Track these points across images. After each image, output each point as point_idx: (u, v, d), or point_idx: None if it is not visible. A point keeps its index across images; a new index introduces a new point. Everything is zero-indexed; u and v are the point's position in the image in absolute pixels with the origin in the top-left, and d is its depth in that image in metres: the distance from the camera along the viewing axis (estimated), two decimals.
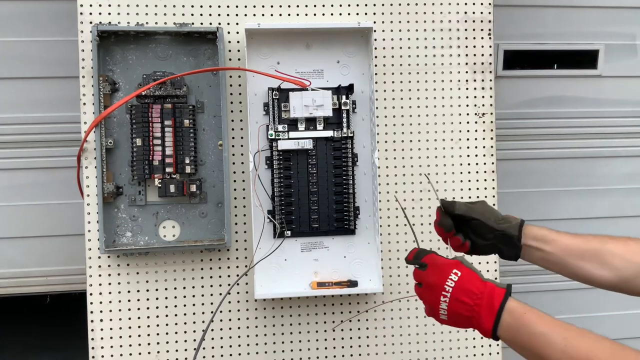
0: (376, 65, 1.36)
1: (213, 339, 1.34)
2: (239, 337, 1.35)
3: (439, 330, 1.40)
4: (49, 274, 1.90)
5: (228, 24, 1.34)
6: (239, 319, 1.35)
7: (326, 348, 1.38)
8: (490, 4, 1.42)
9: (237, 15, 1.35)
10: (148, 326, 1.33)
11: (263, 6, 1.35)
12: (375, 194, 1.34)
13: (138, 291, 1.32)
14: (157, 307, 1.33)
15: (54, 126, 1.81)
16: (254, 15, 1.35)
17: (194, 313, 1.34)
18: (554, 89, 2.14)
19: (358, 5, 1.38)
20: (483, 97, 1.42)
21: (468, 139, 1.42)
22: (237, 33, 1.34)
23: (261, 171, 1.33)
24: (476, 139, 1.42)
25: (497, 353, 1.42)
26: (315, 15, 1.37)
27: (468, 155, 1.41)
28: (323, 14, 1.37)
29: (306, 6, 1.37)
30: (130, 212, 1.31)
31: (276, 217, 1.33)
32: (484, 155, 1.42)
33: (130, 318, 1.32)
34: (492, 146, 1.42)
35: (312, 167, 1.34)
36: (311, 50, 1.36)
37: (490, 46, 1.42)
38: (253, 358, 1.36)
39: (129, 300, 1.32)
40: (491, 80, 1.43)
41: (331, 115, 1.33)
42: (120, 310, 1.31)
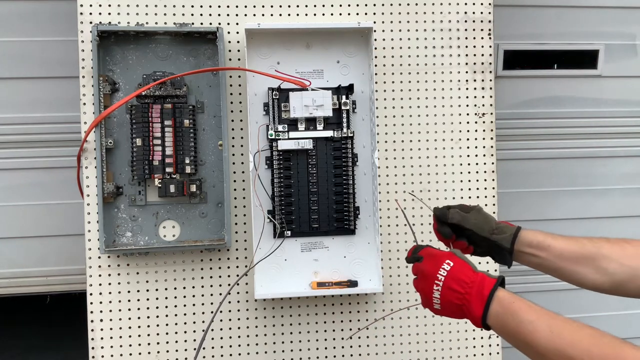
0: (376, 65, 1.36)
1: (213, 339, 1.34)
2: (239, 337, 1.35)
3: (439, 330, 1.40)
4: (49, 274, 1.90)
5: (228, 24, 1.34)
6: (239, 319, 1.35)
7: (326, 348, 1.38)
8: (490, 4, 1.42)
9: (237, 15, 1.35)
10: (148, 326, 1.33)
11: (263, 6, 1.35)
12: (375, 194, 1.34)
13: (138, 291, 1.32)
14: (157, 307, 1.33)
15: (54, 126, 1.81)
16: (254, 15, 1.35)
17: (194, 313, 1.34)
18: (554, 89, 2.14)
19: (358, 5, 1.38)
20: (483, 97, 1.42)
21: (468, 139, 1.42)
22: (237, 33, 1.34)
23: (261, 171, 1.33)
24: (476, 139, 1.42)
25: (497, 353, 1.42)
26: (315, 15, 1.37)
27: (468, 155, 1.42)
28: (323, 14, 1.37)
29: (306, 6, 1.37)
30: (130, 212, 1.31)
31: (276, 217, 1.33)
32: (484, 155, 1.42)
33: (130, 318, 1.32)
34: (492, 146, 1.43)
35: (312, 167, 1.34)
36: (311, 50, 1.36)
37: (490, 46, 1.42)
38: (253, 358, 1.36)
39: (129, 300, 1.32)
40: (491, 80, 1.43)
41: (331, 115, 1.33)
42: (120, 310, 1.32)
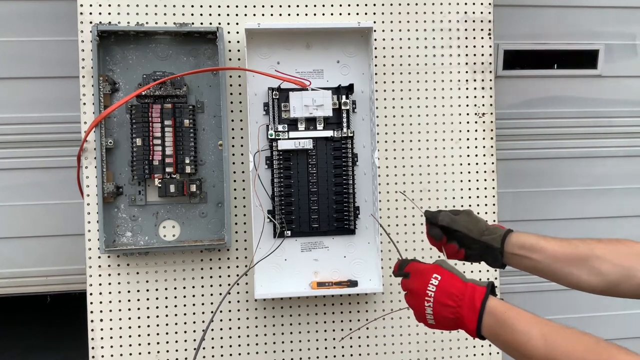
0: (376, 65, 1.36)
1: (213, 339, 1.34)
2: (239, 337, 1.35)
3: (439, 330, 1.40)
4: (49, 274, 1.90)
5: (228, 24, 1.34)
6: (239, 319, 1.35)
7: (326, 348, 1.38)
8: (490, 4, 1.42)
9: (237, 15, 1.35)
10: (148, 326, 1.33)
11: (263, 6, 1.35)
12: (375, 194, 1.34)
13: (138, 291, 1.32)
14: (157, 307, 1.33)
15: (54, 126, 1.81)
16: (254, 15, 1.35)
17: (194, 313, 1.34)
18: (554, 89, 2.14)
19: (358, 5, 1.38)
20: (483, 97, 1.42)
21: (468, 139, 1.42)
22: (237, 33, 1.34)
23: (261, 171, 1.33)
24: (476, 139, 1.42)
25: (497, 353, 1.42)
26: (315, 15, 1.37)
27: (468, 155, 1.42)
28: (323, 14, 1.37)
29: (306, 6, 1.37)
30: (130, 212, 1.31)
31: (276, 217, 1.33)
32: (484, 155, 1.42)
33: (130, 318, 1.32)
34: (492, 146, 1.43)
35: (312, 167, 1.34)
36: (311, 50, 1.36)
37: (490, 46, 1.42)
38: (253, 358, 1.36)
39: (129, 300, 1.32)
40: (491, 80, 1.43)
41: (331, 115, 1.33)
42: (120, 310, 1.32)
